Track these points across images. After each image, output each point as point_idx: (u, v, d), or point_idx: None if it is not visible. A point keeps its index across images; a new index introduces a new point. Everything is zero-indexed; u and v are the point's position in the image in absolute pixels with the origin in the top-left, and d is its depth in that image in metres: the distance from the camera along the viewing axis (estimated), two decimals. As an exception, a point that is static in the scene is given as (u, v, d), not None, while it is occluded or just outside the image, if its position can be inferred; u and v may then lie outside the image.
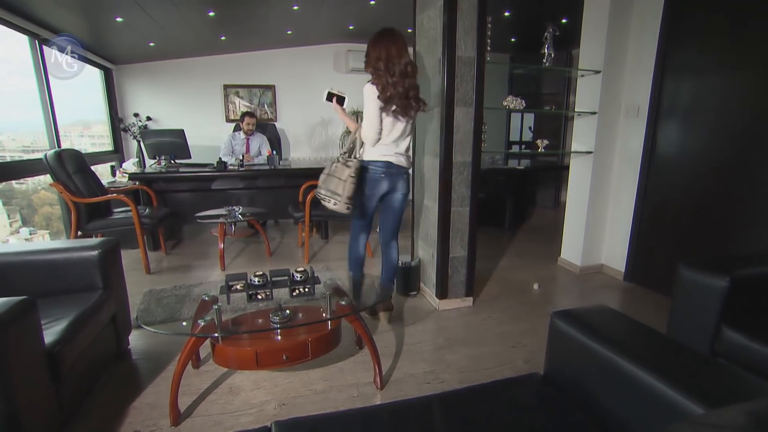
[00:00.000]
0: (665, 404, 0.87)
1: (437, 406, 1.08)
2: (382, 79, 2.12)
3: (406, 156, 2.33)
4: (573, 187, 3.38)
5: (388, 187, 2.32)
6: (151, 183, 3.81)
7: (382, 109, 2.15)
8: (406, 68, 2.14)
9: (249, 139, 4.69)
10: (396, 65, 2.12)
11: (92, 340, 1.68)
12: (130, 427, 1.56)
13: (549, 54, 3.03)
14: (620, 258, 3.18)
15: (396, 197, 2.38)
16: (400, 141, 2.28)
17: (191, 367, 1.93)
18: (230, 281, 1.77)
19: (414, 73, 2.18)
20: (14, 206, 4.14)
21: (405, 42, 2.18)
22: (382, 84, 2.12)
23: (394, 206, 2.41)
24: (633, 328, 1.15)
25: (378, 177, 2.29)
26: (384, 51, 2.14)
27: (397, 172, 2.31)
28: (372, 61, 2.18)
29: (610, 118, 3.10)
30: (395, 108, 2.14)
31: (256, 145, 4.74)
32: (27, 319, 1.29)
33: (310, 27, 4.90)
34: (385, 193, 2.34)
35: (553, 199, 6.07)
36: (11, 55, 3.56)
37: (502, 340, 2.25)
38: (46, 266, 1.78)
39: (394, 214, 2.43)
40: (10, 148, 3.85)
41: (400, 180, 2.34)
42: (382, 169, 2.27)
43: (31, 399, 1.29)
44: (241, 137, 4.70)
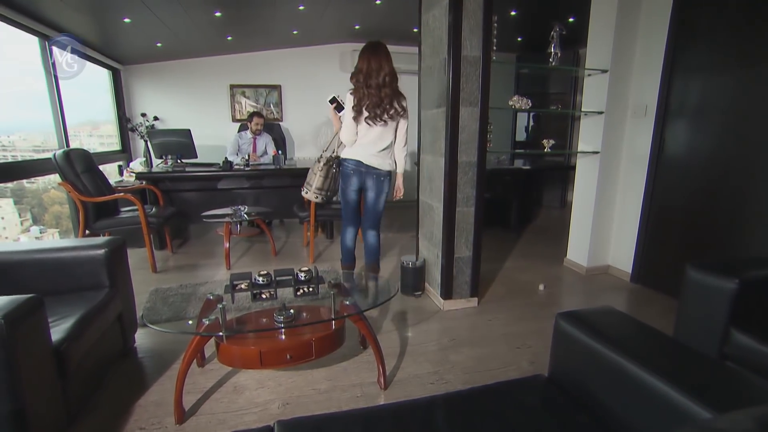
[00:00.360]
0: (671, 408, 0.86)
1: (440, 406, 1.08)
2: (359, 91, 2.39)
3: (379, 157, 2.54)
4: (579, 188, 3.36)
5: (358, 184, 2.62)
6: (158, 182, 3.83)
7: (355, 118, 2.42)
8: (384, 79, 2.36)
9: (256, 138, 4.73)
10: (373, 78, 2.36)
11: (99, 338, 1.69)
12: (135, 425, 1.57)
13: (555, 53, 3.01)
14: (627, 259, 3.15)
15: (369, 195, 2.65)
16: (377, 143, 2.51)
17: (196, 366, 1.93)
18: (235, 281, 1.78)
19: (392, 82, 2.40)
20: (25, 205, 4.19)
21: (387, 53, 2.41)
22: (358, 96, 2.39)
23: (368, 202, 2.67)
24: (639, 330, 1.14)
25: (348, 172, 2.59)
26: (365, 63, 2.37)
27: (366, 171, 2.56)
28: (355, 72, 2.43)
29: (617, 117, 3.07)
30: (367, 116, 2.41)
31: (263, 145, 4.77)
32: (34, 317, 1.30)
33: (316, 27, 4.91)
34: (359, 189, 2.64)
35: (559, 200, 6.03)
36: (22, 55, 3.61)
37: (507, 341, 2.24)
38: (53, 264, 1.80)
39: (368, 209, 2.70)
40: (22, 148, 3.90)
41: (369, 179, 2.59)
42: (352, 166, 2.56)
43: (39, 396, 1.30)
44: (248, 137, 4.73)
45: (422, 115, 2.86)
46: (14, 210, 3.98)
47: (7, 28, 3.19)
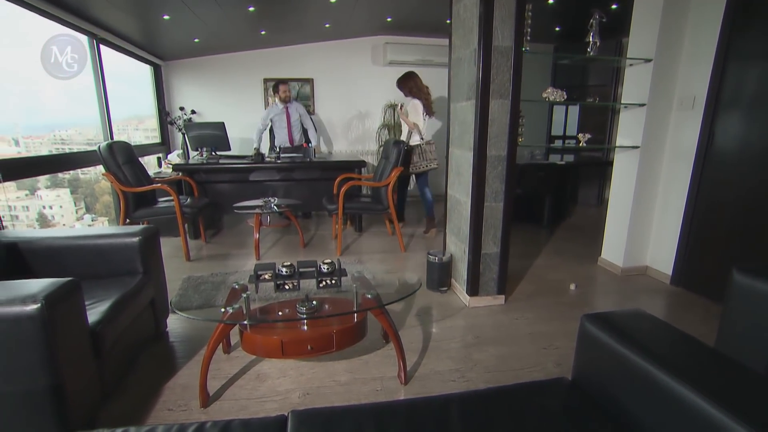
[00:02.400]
0: (706, 423, 0.79)
1: (456, 405, 1.05)
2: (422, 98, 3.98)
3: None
4: (617, 184, 3.20)
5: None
6: (193, 174, 3.97)
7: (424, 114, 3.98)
8: (427, 91, 4.05)
9: (288, 107, 4.66)
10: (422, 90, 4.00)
11: (132, 322, 1.77)
12: (163, 406, 1.64)
13: (594, 42, 2.85)
14: (667, 260, 2.97)
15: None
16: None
17: (222, 353, 2.00)
18: (259, 271, 1.81)
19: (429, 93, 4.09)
20: (80, 195, 4.49)
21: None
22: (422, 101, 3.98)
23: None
24: (673, 337, 1.07)
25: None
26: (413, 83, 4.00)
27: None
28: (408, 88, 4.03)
29: (661, 110, 2.89)
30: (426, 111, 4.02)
31: (296, 114, 4.73)
32: (72, 299, 1.38)
33: (348, 20, 4.91)
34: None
35: (596, 197, 5.78)
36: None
37: (533, 341, 2.17)
38: (92, 250, 1.90)
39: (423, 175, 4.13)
40: (77, 141, 4.15)
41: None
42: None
43: (75, 373, 1.38)
44: (279, 107, 4.66)
45: (451, 108, 2.80)
46: (71, 199, 4.27)
47: (60, 27, 3.40)
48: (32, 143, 3.81)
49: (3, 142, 3.49)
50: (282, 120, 4.74)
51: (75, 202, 4.38)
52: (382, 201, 3.72)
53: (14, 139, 3.64)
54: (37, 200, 4.03)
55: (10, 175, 2.61)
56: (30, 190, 4.01)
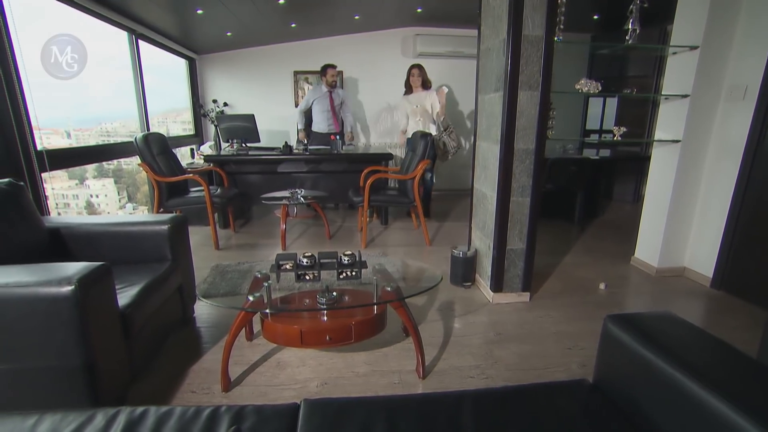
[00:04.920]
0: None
1: (469, 403, 1.03)
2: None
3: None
4: (654, 179, 3.04)
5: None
6: (223, 165, 4.08)
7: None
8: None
9: (332, 92, 4.72)
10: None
11: (160, 306, 1.84)
12: (188, 388, 1.70)
13: (633, 30, 2.69)
14: (708, 261, 2.80)
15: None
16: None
17: (245, 340, 2.05)
18: (280, 260, 1.84)
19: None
20: (123, 184, 4.73)
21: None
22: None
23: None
24: (707, 343, 1.00)
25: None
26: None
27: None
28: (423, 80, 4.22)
29: (706, 101, 2.70)
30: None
31: (339, 100, 4.79)
32: (103, 282, 1.44)
33: (378, 11, 4.87)
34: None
35: (632, 193, 5.51)
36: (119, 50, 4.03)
37: (557, 341, 2.10)
38: (125, 237, 1.99)
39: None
40: (121, 134, 4.35)
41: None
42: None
43: (106, 353, 1.45)
44: (324, 90, 4.71)
45: (479, 99, 2.73)
46: (114, 188, 4.51)
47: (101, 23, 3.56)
48: (82, 135, 4.04)
49: (57, 134, 3.74)
50: (325, 103, 4.75)
51: (118, 192, 4.62)
52: (408, 194, 3.70)
53: (66, 132, 3.88)
54: (85, 189, 4.28)
55: (55, 164, 2.77)
56: (79, 179, 4.26)
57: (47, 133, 3.37)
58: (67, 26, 3.41)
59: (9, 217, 1.71)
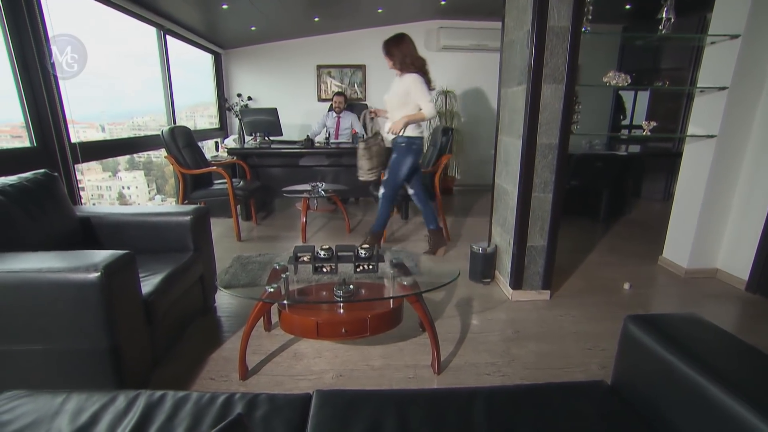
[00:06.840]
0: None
1: (482, 400, 1.02)
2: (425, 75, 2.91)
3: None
4: (685, 176, 2.91)
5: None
6: (246, 158, 4.15)
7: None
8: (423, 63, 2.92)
9: (340, 117, 4.92)
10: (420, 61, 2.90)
11: (181, 295, 1.90)
12: (207, 375, 1.75)
13: (668, 19, 2.57)
14: (743, 263, 2.67)
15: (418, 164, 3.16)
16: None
17: (264, 330, 2.09)
18: (298, 253, 1.86)
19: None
20: (152, 177, 4.90)
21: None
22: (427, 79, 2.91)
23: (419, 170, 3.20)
24: (735, 348, 0.95)
25: (420, 150, 3.04)
26: (409, 49, 2.88)
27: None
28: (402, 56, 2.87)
29: (748, 93, 2.55)
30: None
31: (347, 123, 4.97)
32: (127, 270, 1.49)
33: (401, 4, 4.83)
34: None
35: (663, 191, 5.31)
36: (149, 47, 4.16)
37: (577, 340, 2.05)
38: (150, 227, 2.05)
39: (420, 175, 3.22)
40: (151, 127, 4.51)
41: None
42: (420, 143, 3.01)
43: (130, 338, 1.51)
44: (333, 116, 4.96)
45: (501, 93, 2.68)
46: (144, 180, 4.68)
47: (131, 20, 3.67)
48: (115, 129, 4.21)
49: (92, 128, 3.91)
50: (333, 124, 4.99)
51: (148, 183, 4.79)
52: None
53: (101, 126, 4.05)
54: (117, 181, 4.47)
55: (87, 156, 2.88)
56: (112, 171, 4.44)
57: (83, 127, 3.53)
58: (101, 24, 3.54)
59: (43, 206, 1.79)
